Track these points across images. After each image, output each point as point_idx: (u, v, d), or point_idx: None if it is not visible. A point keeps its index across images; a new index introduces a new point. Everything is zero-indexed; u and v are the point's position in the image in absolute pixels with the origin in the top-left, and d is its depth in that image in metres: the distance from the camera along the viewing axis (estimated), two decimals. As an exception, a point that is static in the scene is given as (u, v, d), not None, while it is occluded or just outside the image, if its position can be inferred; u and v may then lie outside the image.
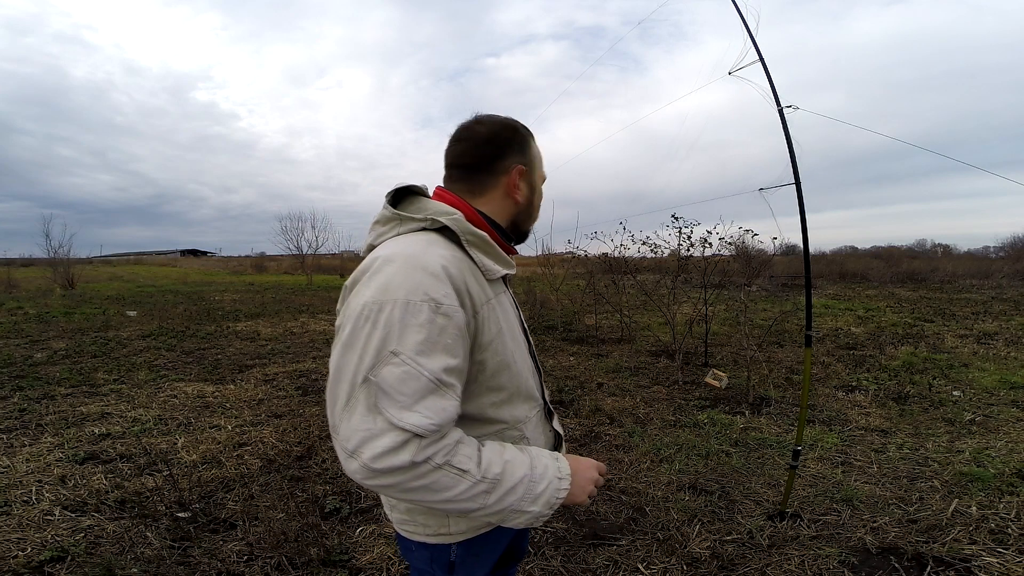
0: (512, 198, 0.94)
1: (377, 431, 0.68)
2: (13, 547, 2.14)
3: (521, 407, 0.93)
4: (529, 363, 0.97)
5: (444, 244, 0.81)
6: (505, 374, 0.87)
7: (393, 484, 0.70)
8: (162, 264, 41.90)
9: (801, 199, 2.15)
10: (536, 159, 0.99)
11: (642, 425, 3.66)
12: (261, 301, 12.68)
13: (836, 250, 29.51)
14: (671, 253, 6.09)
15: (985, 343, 6.32)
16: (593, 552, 2.17)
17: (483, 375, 0.84)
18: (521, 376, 0.92)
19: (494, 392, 0.87)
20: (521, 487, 0.78)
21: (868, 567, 2.05)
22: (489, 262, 0.86)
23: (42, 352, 6.04)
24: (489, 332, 0.83)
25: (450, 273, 0.76)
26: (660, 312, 6.35)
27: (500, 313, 0.88)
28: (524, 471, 0.80)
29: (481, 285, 0.83)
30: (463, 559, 0.93)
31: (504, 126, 0.94)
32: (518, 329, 0.96)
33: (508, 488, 0.77)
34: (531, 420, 0.95)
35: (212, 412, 3.94)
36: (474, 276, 0.82)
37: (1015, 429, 3.48)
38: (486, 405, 0.86)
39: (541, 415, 0.99)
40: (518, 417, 0.92)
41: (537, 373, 1.01)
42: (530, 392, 0.95)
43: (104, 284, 18.57)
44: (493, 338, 0.83)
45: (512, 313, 0.95)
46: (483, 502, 0.75)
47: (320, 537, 2.22)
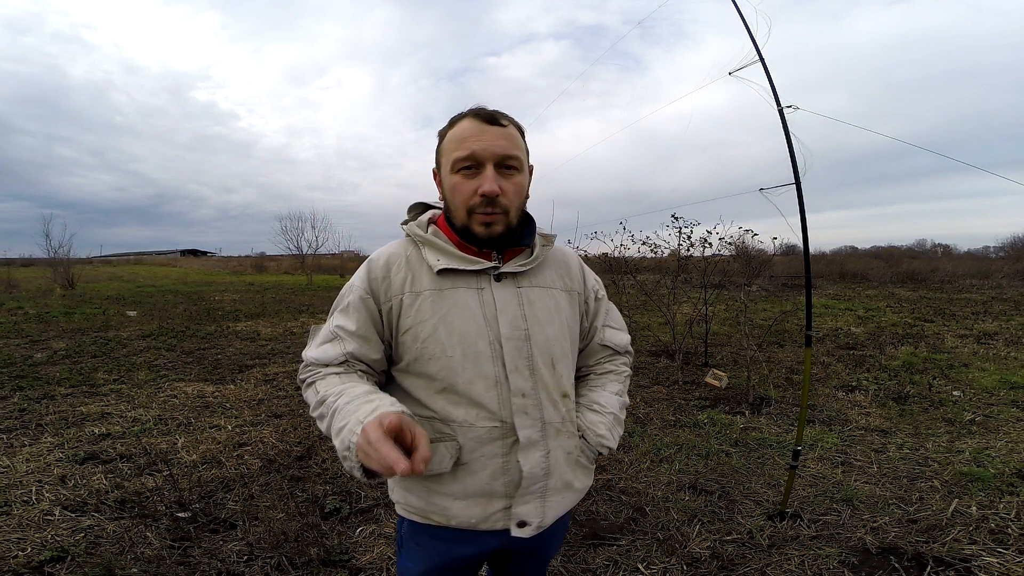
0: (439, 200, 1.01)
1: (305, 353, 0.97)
2: (13, 547, 2.14)
3: (460, 409, 0.90)
4: (487, 369, 0.90)
5: (402, 244, 0.99)
6: (432, 364, 0.90)
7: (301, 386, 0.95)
8: (162, 264, 41.91)
9: (801, 199, 2.15)
10: (444, 152, 0.93)
11: (642, 425, 3.66)
12: (261, 301, 12.68)
13: (836, 250, 29.54)
14: (671, 253, 6.09)
15: (985, 343, 6.32)
16: (593, 552, 2.17)
17: (406, 355, 0.93)
18: (459, 375, 0.89)
19: (425, 378, 0.92)
20: (336, 418, 0.81)
21: (868, 567, 2.05)
22: (430, 256, 0.93)
23: (42, 352, 6.04)
24: (408, 319, 0.92)
25: (372, 265, 0.96)
26: (660, 312, 6.34)
27: (436, 305, 0.91)
28: (343, 403, 0.83)
29: (417, 277, 0.93)
30: (407, 541, 1.02)
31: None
32: (478, 328, 0.90)
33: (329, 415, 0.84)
34: (474, 430, 0.90)
35: (212, 412, 3.94)
36: (412, 269, 0.94)
37: (1015, 429, 3.48)
38: (419, 387, 0.94)
39: (497, 435, 0.90)
40: (452, 416, 0.90)
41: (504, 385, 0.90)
42: (475, 398, 0.90)
43: (104, 284, 18.57)
44: (413, 325, 0.91)
45: (472, 310, 0.91)
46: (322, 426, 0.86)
47: (320, 537, 2.22)
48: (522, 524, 0.93)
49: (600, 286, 1.13)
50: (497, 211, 0.90)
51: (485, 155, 0.88)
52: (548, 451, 0.93)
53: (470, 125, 0.90)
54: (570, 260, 1.08)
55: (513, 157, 0.91)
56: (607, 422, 1.04)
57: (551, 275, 1.01)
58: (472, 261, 0.92)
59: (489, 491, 0.92)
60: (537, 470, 0.92)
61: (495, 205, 0.89)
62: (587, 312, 1.08)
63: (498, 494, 0.92)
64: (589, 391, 1.09)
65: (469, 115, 0.92)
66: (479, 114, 0.91)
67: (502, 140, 0.90)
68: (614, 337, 1.12)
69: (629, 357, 1.17)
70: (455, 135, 0.91)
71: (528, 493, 0.92)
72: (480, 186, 0.88)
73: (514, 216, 0.93)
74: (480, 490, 0.91)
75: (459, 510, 0.92)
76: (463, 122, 0.91)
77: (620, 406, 1.09)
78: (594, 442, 1.02)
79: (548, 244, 1.03)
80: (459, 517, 0.92)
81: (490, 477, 0.91)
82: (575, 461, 0.99)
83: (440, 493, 0.93)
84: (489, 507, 0.92)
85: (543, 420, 0.93)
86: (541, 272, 1.00)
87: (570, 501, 1.00)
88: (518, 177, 0.93)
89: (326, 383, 0.89)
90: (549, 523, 0.96)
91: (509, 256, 0.97)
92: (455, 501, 0.92)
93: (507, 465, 0.91)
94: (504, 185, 0.90)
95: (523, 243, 0.98)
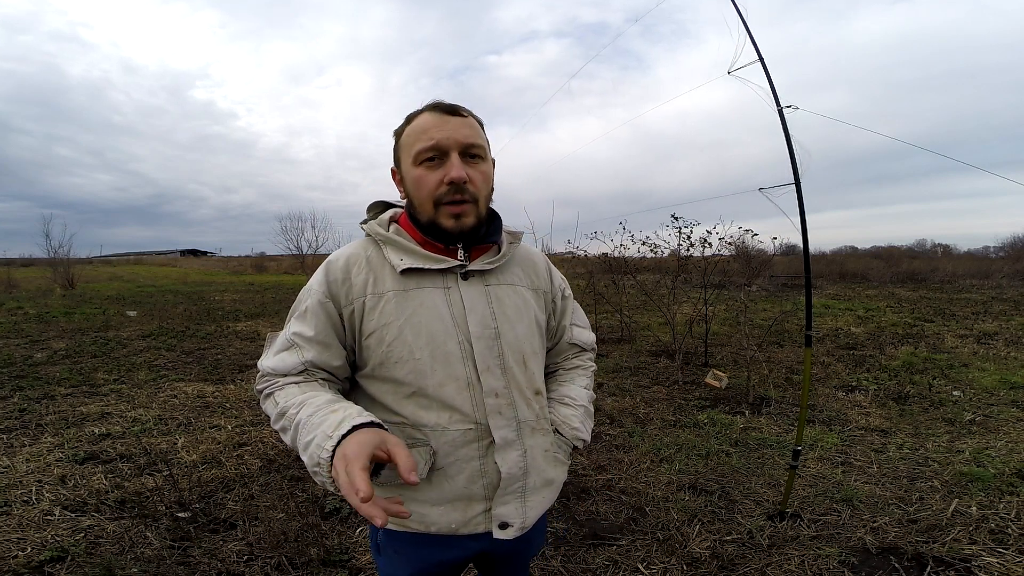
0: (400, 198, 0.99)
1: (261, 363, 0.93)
2: (13, 547, 2.14)
3: (433, 413, 0.88)
4: (457, 370, 0.88)
5: (362, 244, 0.96)
6: (399, 368, 0.87)
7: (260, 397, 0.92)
8: (162, 264, 41.90)
9: (801, 199, 2.15)
10: (404, 147, 0.91)
11: (642, 425, 3.66)
12: (261, 301, 12.68)
13: (836, 250, 29.51)
14: (671, 253, 6.09)
15: (985, 343, 6.32)
16: (593, 552, 2.17)
17: (371, 360, 0.90)
18: (429, 378, 0.87)
19: (392, 383, 0.89)
20: (301, 432, 0.78)
21: (868, 567, 2.05)
22: (395, 256, 0.90)
23: (42, 352, 6.04)
24: (372, 321, 0.89)
25: (330, 268, 0.92)
26: (660, 312, 6.34)
27: (401, 306, 0.88)
28: (303, 418, 0.79)
29: (380, 278, 0.90)
30: (385, 546, 0.99)
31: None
32: (445, 329, 0.88)
33: (293, 429, 0.80)
34: (447, 433, 0.88)
35: (212, 412, 3.94)
36: (374, 270, 0.91)
37: (1015, 429, 3.48)
38: (385, 393, 0.91)
39: (472, 437, 0.89)
40: (423, 421, 0.88)
41: (477, 386, 0.89)
42: (447, 401, 0.88)
43: (104, 284, 18.57)
44: (377, 328, 0.88)
45: (439, 310, 0.89)
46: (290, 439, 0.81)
47: (320, 537, 2.22)
48: (504, 526, 0.91)
49: (566, 285, 1.14)
50: (466, 199, 0.87)
51: (449, 143, 0.86)
52: (525, 450, 0.92)
53: (430, 117, 0.89)
54: (536, 259, 1.08)
55: (477, 145, 0.89)
56: (579, 415, 1.05)
57: (518, 273, 1.00)
58: (437, 260, 0.90)
59: (468, 495, 0.90)
60: (515, 470, 0.91)
61: (463, 192, 0.87)
62: (555, 311, 1.09)
63: (477, 497, 0.90)
64: (559, 386, 1.10)
65: (427, 109, 0.90)
66: (438, 106, 0.90)
67: (465, 128, 0.89)
68: (581, 335, 1.14)
69: (593, 353, 1.19)
70: (415, 129, 0.89)
71: (508, 494, 0.91)
72: (446, 174, 0.86)
73: (483, 206, 0.92)
74: (458, 494, 0.90)
75: (438, 516, 0.90)
76: (422, 116, 0.90)
77: (589, 399, 1.10)
78: (569, 435, 1.02)
79: (515, 241, 1.02)
80: (438, 523, 0.90)
81: (468, 480, 0.89)
82: (552, 457, 0.99)
83: (417, 500, 0.90)
84: (469, 511, 0.90)
85: (518, 419, 0.92)
86: (508, 270, 0.99)
87: (550, 498, 0.99)
88: (483, 165, 0.92)
89: (285, 394, 0.86)
90: (532, 523, 0.95)
91: (476, 254, 0.95)
92: (433, 507, 0.90)
93: (484, 467, 0.90)
94: (471, 173, 0.88)
95: (490, 240, 0.96)
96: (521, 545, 1.00)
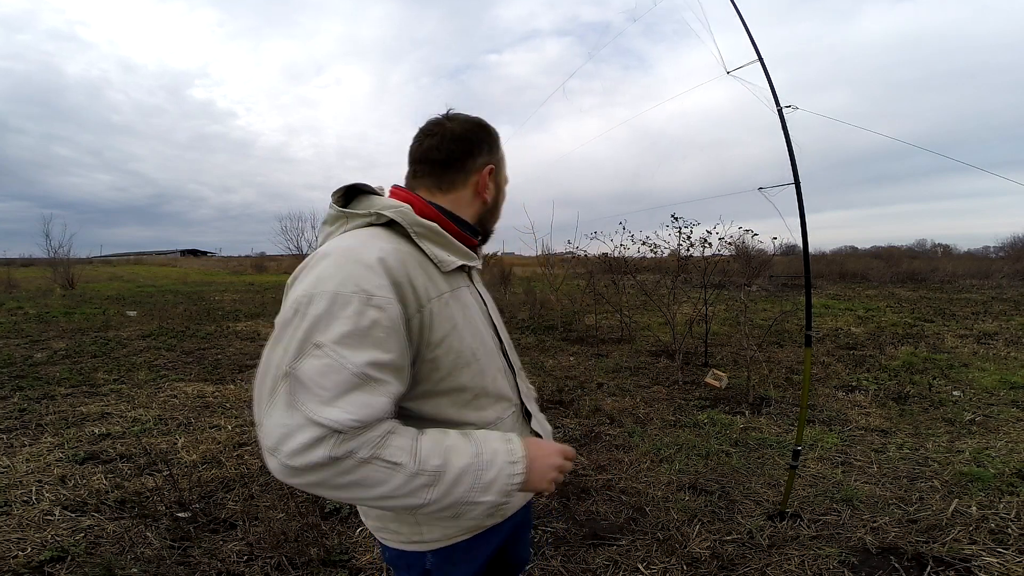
0: (481, 197, 0.94)
1: (294, 427, 0.65)
2: (13, 547, 2.14)
3: (491, 409, 0.89)
4: (499, 361, 0.93)
5: (389, 237, 0.79)
6: (466, 373, 0.84)
7: (317, 482, 0.66)
8: (162, 264, 41.88)
9: (801, 199, 2.15)
10: (503, 160, 0.99)
11: (642, 425, 3.66)
12: (261, 301, 12.68)
13: (836, 250, 29.52)
14: (671, 253, 6.09)
15: (985, 343, 6.32)
16: (593, 552, 2.17)
17: (437, 373, 0.81)
18: (487, 375, 0.88)
19: (456, 392, 0.84)
20: (468, 477, 0.73)
21: (868, 567, 2.05)
22: (442, 253, 0.83)
23: (42, 352, 6.04)
24: (441, 328, 0.80)
25: (388, 265, 0.74)
26: (660, 312, 6.35)
27: (457, 308, 0.84)
28: (468, 459, 0.74)
29: (432, 278, 0.81)
30: (439, 567, 0.91)
31: (477, 124, 0.94)
32: (484, 324, 0.92)
33: (452, 479, 0.72)
34: (504, 422, 0.91)
35: (212, 412, 3.94)
36: (423, 269, 0.80)
37: (1015, 429, 3.48)
38: (446, 406, 0.83)
39: (517, 416, 0.96)
40: (487, 419, 0.88)
41: (511, 372, 0.97)
42: (501, 392, 0.91)
43: (104, 284, 18.57)
44: (447, 334, 0.80)
45: (476, 308, 0.92)
46: (427, 496, 0.70)
47: (320, 537, 2.22)
48: None
49: None
50: None
51: None
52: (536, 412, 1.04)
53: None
54: None
55: None
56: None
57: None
58: (474, 256, 0.94)
59: None
60: (541, 431, 1.01)
61: None
62: None
63: None
64: None
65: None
66: None
67: None
68: None
69: None
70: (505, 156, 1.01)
71: None
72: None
73: None
74: None
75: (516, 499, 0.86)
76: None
77: None
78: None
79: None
80: (516, 505, 0.86)
81: None
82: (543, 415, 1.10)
83: None
84: None
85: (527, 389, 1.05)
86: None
87: None
88: None
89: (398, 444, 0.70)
90: None
91: None
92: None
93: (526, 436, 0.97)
94: None
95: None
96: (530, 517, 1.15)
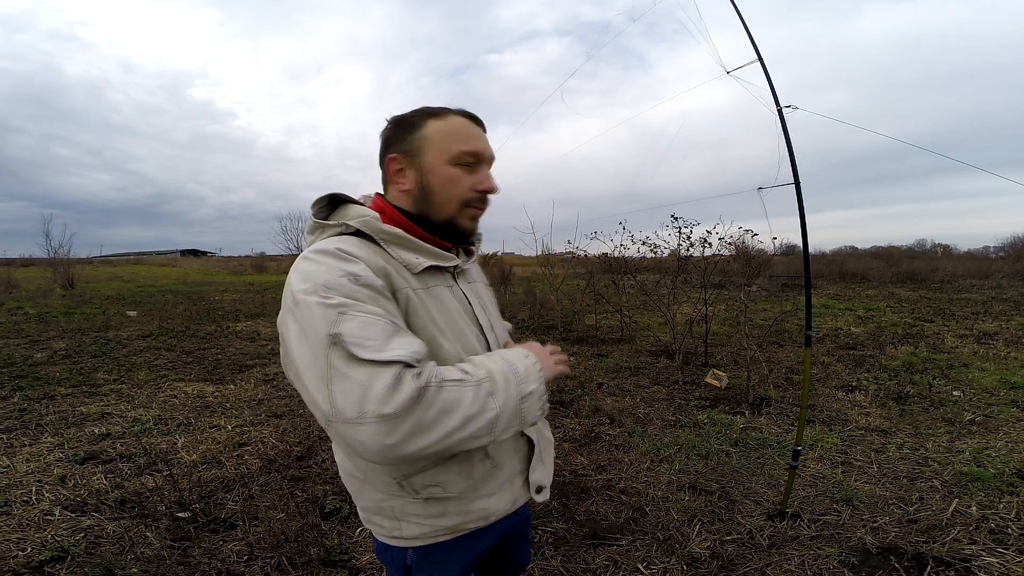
0: (400, 188, 0.92)
1: (367, 377, 0.65)
2: (13, 547, 2.14)
3: None
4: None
5: (359, 244, 0.82)
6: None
7: (414, 426, 0.66)
8: (162, 264, 41.88)
9: (800, 199, 2.15)
10: (427, 139, 0.89)
11: (642, 425, 3.66)
12: (261, 301, 12.68)
13: (836, 250, 29.54)
14: (671, 253, 6.09)
15: (985, 343, 6.32)
16: (593, 552, 2.17)
17: None
18: None
19: None
20: (511, 375, 0.79)
21: (868, 567, 2.05)
22: (409, 256, 0.86)
23: (42, 352, 6.04)
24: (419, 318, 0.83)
25: (360, 256, 0.79)
26: (660, 312, 6.34)
27: (430, 305, 0.86)
28: (498, 362, 0.81)
29: (404, 277, 0.84)
30: (419, 564, 0.93)
31: (390, 121, 0.94)
32: (467, 324, 0.92)
33: (503, 379, 0.78)
34: None
35: (212, 412, 3.94)
36: (395, 270, 0.83)
37: (1015, 429, 3.48)
38: None
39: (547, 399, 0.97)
40: None
41: None
42: None
43: (104, 284, 18.56)
44: (424, 326, 0.84)
45: (456, 307, 0.91)
46: (497, 404, 0.75)
47: (320, 537, 2.22)
48: (539, 489, 1.00)
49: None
50: (485, 207, 0.95)
51: (486, 156, 0.93)
52: None
53: (467, 123, 0.92)
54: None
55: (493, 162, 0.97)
56: None
57: (477, 270, 1.10)
58: (448, 257, 0.91)
59: (512, 473, 0.96)
60: (535, 436, 1.00)
61: (486, 202, 0.95)
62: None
63: (516, 472, 0.97)
64: None
65: (460, 113, 0.92)
66: (473, 116, 0.93)
67: (491, 145, 0.96)
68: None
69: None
70: (453, 128, 0.90)
71: (537, 460, 1.00)
72: (481, 182, 0.91)
73: None
74: (507, 475, 0.95)
75: (495, 504, 0.93)
76: (457, 118, 0.91)
77: None
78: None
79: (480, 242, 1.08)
80: (496, 510, 0.94)
81: (510, 460, 0.96)
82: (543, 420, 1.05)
83: (480, 496, 0.91)
84: (514, 488, 0.97)
85: None
86: (473, 268, 1.07)
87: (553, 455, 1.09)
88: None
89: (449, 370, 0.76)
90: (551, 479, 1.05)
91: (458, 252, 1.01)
92: (491, 498, 0.93)
93: (516, 443, 0.97)
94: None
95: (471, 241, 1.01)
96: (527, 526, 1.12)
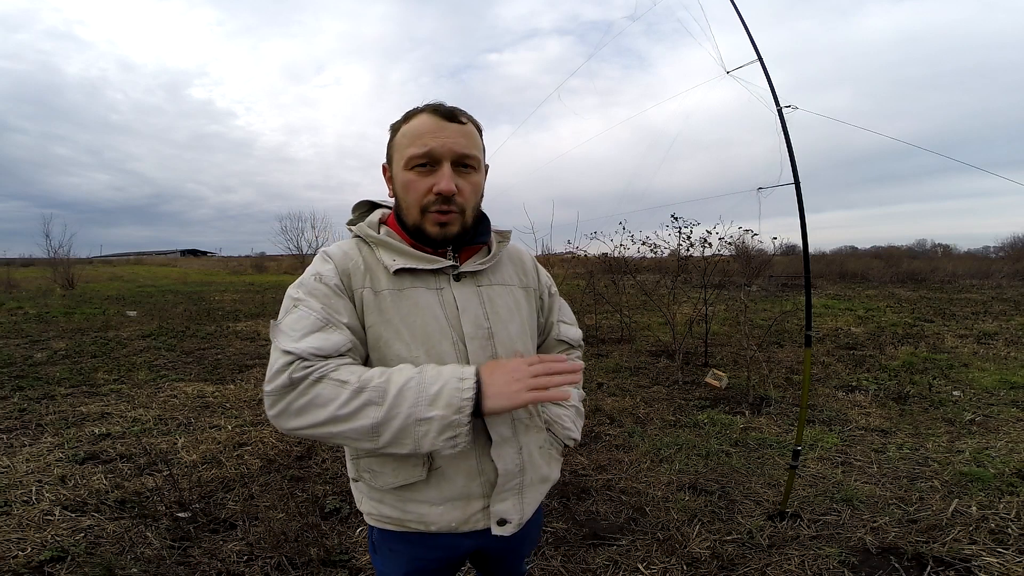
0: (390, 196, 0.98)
1: (273, 360, 0.80)
2: (13, 547, 2.14)
3: None
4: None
5: (352, 246, 0.93)
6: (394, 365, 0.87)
7: (285, 408, 0.77)
8: (162, 264, 41.90)
9: (800, 199, 2.15)
10: (398, 147, 0.90)
11: (642, 425, 3.66)
12: (261, 301, 12.67)
13: (836, 250, 29.49)
14: (671, 253, 6.09)
15: (985, 343, 6.32)
16: (593, 552, 2.17)
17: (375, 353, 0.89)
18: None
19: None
20: (410, 392, 0.76)
21: (868, 567, 2.05)
22: (387, 257, 0.89)
23: (42, 352, 6.04)
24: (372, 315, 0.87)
25: (335, 254, 0.90)
26: (660, 312, 6.34)
27: (396, 304, 0.87)
28: (411, 374, 0.78)
29: (375, 275, 0.89)
30: (378, 545, 0.98)
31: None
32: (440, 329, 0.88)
33: (395, 394, 0.76)
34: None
35: (212, 412, 3.94)
36: (370, 267, 0.90)
37: (1015, 429, 3.48)
38: None
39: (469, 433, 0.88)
40: None
41: None
42: None
43: (104, 284, 18.56)
44: (375, 324, 0.87)
45: (430, 312, 0.88)
46: (375, 416, 0.75)
47: (320, 537, 2.22)
48: (502, 522, 0.92)
49: (552, 282, 1.15)
50: (453, 210, 0.87)
51: (443, 152, 0.86)
52: (520, 447, 0.93)
53: (428, 121, 0.87)
54: (524, 257, 1.09)
55: (471, 156, 0.88)
56: (571, 415, 1.06)
57: (509, 272, 1.01)
58: (429, 260, 0.89)
59: (466, 493, 0.90)
60: (512, 467, 0.91)
61: (451, 204, 0.87)
62: (542, 308, 1.10)
63: (476, 495, 0.91)
64: None
65: (427, 110, 0.88)
66: (438, 110, 0.88)
67: (461, 138, 0.87)
68: (568, 332, 1.14)
69: (581, 350, 1.19)
70: (411, 130, 0.88)
71: (505, 491, 0.91)
72: (436, 184, 0.86)
73: (470, 216, 0.91)
74: (457, 493, 0.90)
75: (437, 516, 0.89)
76: (420, 117, 0.88)
77: (579, 398, 1.11)
78: (561, 435, 1.03)
79: (504, 241, 1.02)
80: (439, 523, 0.90)
81: (466, 479, 0.90)
82: (547, 454, 1.00)
83: (416, 501, 0.90)
84: (468, 509, 0.90)
85: (512, 417, 0.92)
86: (499, 270, 1.00)
87: (544, 492, 1.01)
88: (475, 176, 0.91)
89: (348, 371, 0.78)
90: (528, 517, 0.95)
91: (467, 255, 0.96)
92: (432, 507, 0.89)
93: (481, 465, 0.90)
94: (460, 184, 0.87)
95: (479, 241, 0.96)
96: (515, 543, 1.00)
